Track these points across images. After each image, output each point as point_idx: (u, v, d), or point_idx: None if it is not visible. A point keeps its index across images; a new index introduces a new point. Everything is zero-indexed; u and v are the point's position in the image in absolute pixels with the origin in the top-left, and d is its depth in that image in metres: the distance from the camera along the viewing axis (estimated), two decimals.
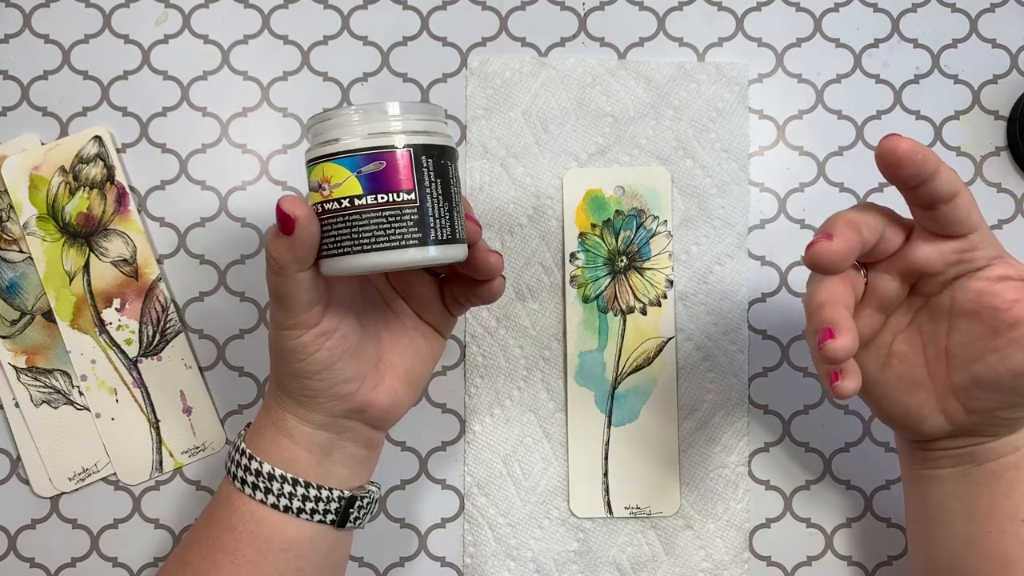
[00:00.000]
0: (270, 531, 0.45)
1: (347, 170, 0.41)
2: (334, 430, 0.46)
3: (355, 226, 0.41)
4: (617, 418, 0.56)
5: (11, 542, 0.56)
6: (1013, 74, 0.59)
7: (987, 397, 0.43)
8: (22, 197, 0.56)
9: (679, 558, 0.56)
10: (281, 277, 0.41)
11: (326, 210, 0.41)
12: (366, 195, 0.41)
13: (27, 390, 0.56)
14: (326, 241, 0.42)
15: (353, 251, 0.41)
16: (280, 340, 0.43)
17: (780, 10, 0.59)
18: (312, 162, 0.42)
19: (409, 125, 0.42)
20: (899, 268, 0.44)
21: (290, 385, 0.45)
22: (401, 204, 0.41)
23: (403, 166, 0.41)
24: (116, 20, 0.58)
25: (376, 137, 0.41)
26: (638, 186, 0.57)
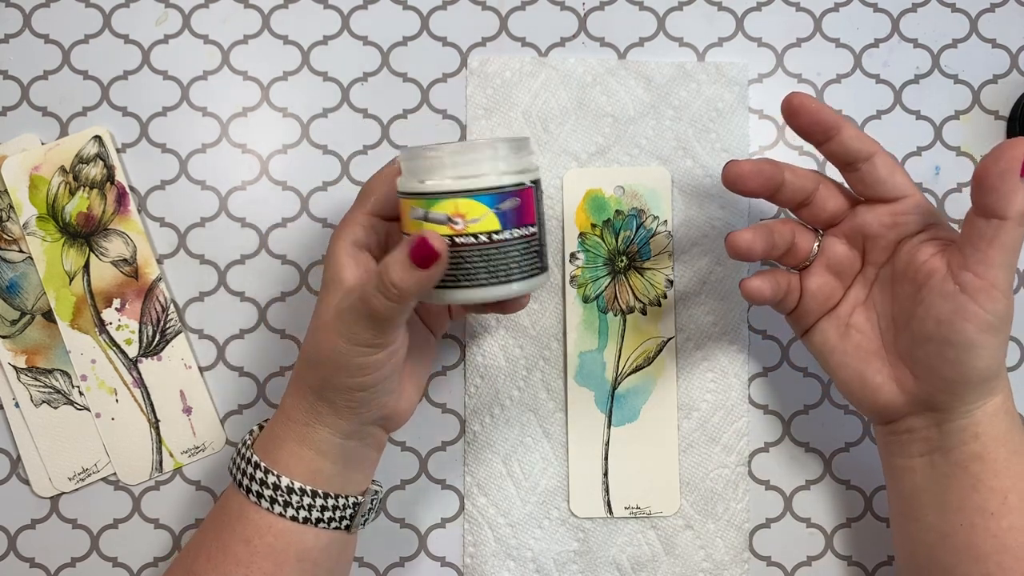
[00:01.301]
0: (288, 543, 0.45)
1: (486, 206, 0.42)
2: (358, 437, 0.47)
3: (493, 259, 0.43)
4: (617, 418, 0.56)
5: (11, 542, 0.56)
6: (1013, 74, 0.59)
7: (925, 354, 0.45)
8: (22, 197, 0.56)
9: (679, 558, 0.56)
10: (397, 305, 0.42)
11: (456, 243, 0.42)
12: (504, 230, 0.43)
13: (27, 390, 0.56)
14: (454, 273, 0.43)
15: (488, 283, 0.43)
16: (352, 355, 0.43)
17: (780, 10, 0.59)
18: (433, 195, 0.43)
19: (527, 162, 0.44)
20: (844, 231, 0.49)
21: (337, 397, 0.45)
22: (529, 237, 0.44)
23: (531, 202, 0.44)
24: (116, 20, 0.58)
25: (509, 175, 0.43)
26: (638, 186, 0.57)
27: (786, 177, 0.48)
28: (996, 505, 0.45)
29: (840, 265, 0.49)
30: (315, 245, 0.57)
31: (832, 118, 0.46)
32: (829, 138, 0.47)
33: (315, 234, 0.57)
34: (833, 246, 0.49)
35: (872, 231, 0.48)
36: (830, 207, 0.49)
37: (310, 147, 0.58)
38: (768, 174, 0.47)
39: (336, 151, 0.58)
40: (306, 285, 0.57)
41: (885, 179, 0.47)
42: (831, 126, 0.46)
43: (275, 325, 0.57)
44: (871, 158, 0.46)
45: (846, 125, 0.46)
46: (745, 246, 0.47)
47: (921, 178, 0.58)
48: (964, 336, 0.43)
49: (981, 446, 0.45)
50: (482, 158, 0.43)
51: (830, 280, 0.49)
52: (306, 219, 0.57)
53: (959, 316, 0.43)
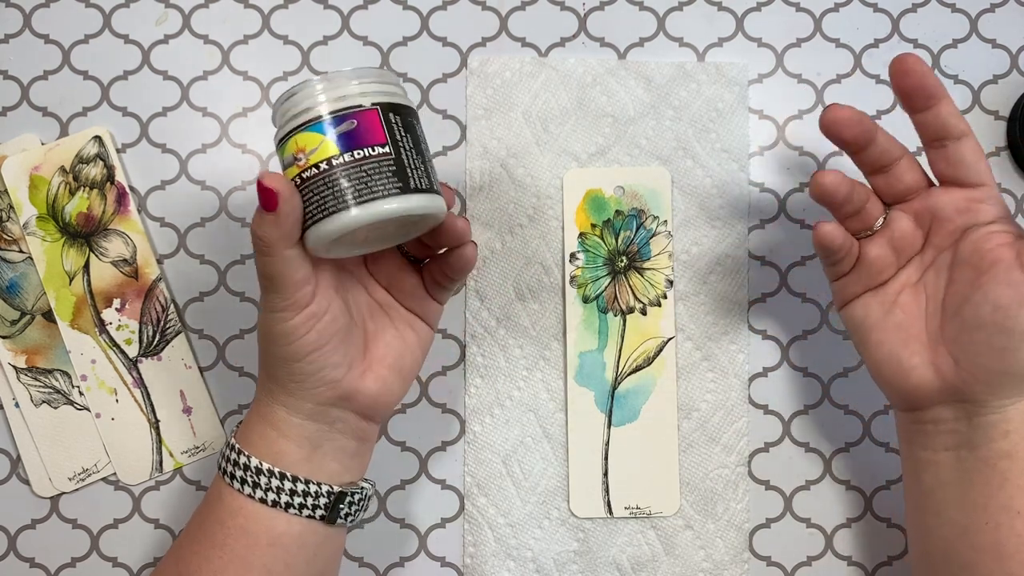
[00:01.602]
0: (258, 526, 0.45)
1: (320, 135, 0.42)
2: (324, 420, 0.46)
3: (336, 185, 0.42)
4: (617, 418, 0.56)
5: (11, 542, 0.56)
6: (1013, 74, 0.59)
7: (972, 341, 0.45)
8: (22, 197, 0.56)
9: (679, 558, 0.56)
10: (270, 257, 0.42)
11: (305, 179, 0.42)
12: (343, 153, 0.42)
13: (27, 390, 0.56)
14: (309, 210, 0.43)
15: (339, 209, 0.42)
16: (271, 323, 0.44)
17: (780, 10, 0.59)
18: (283, 140, 0.43)
19: (370, 87, 0.44)
20: (915, 208, 0.48)
21: (279, 371, 0.45)
22: (378, 157, 0.43)
23: (373, 122, 0.43)
24: (116, 20, 0.58)
25: (342, 100, 0.43)
26: (638, 186, 0.57)
27: (879, 136, 0.47)
28: (1022, 504, 0.44)
29: (903, 241, 0.48)
30: None
31: (937, 86, 0.46)
32: (929, 107, 0.46)
33: None
34: (900, 220, 0.48)
35: (943, 214, 0.47)
36: (907, 180, 0.48)
37: None
38: (866, 125, 0.47)
39: None
40: None
41: (970, 163, 0.46)
42: (934, 94, 0.46)
43: None
44: (962, 138, 0.46)
45: (947, 99, 0.46)
46: (831, 185, 0.47)
47: None
48: (1019, 324, 0.43)
49: (1011, 444, 0.45)
50: (313, 91, 0.43)
51: (889, 254, 0.48)
52: None
53: (1018, 303, 0.43)
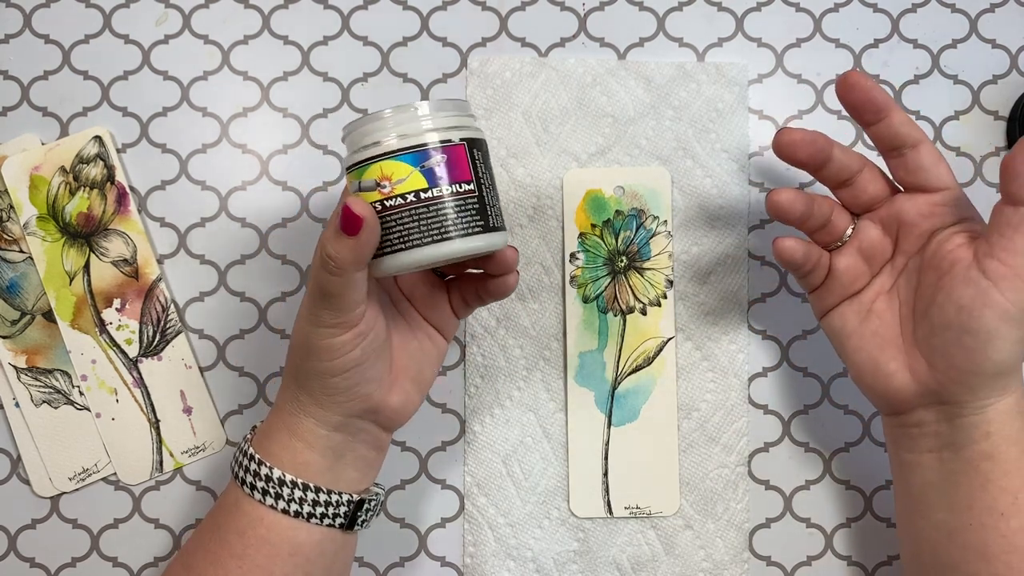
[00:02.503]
0: (280, 536, 0.45)
1: (410, 165, 0.42)
2: (348, 431, 0.46)
3: (422, 219, 0.42)
4: (617, 418, 0.56)
5: (11, 542, 0.56)
6: (1013, 74, 0.59)
7: (942, 342, 0.45)
8: (22, 197, 0.56)
9: (679, 558, 0.56)
10: (336, 277, 0.42)
11: (387, 207, 0.42)
12: (431, 187, 0.42)
13: (27, 390, 0.56)
14: (389, 238, 0.42)
15: (422, 243, 0.42)
16: (317, 337, 0.43)
17: (780, 10, 0.59)
18: (363, 163, 0.43)
19: (460, 121, 0.44)
20: (881, 217, 0.49)
21: (312, 383, 0.45)
22: (464, 194, 0.43)
23: (461, 158, 0.43)
24: (116, 20, 0.58)
25: (434, 133, 0.42)
26: (638, 186, 0.57)
27: (835, 152, 0.48)
28: (1006, 505, 0.44)
29: (872, 250, 0.49)
30: (314, 245, 0.57)
31: (884, 99, 0.47)
32: (879, 119, 0.47)
33: (315, 234, 0.57)
34: (867, 230, 0.49)
35: (908, 219, 0.48)
36: (871, 190, 0.49)
37: (310, 147, 0.58)
38: (820, 145, 0.48)
39: (336, 151, 0.58)
40: (306, 285, 0.57)
41: (928, 168, 0.47)
42: (882, 107, 0.47)
43: (275, 325, 0.57)
44: (917, 146, 0.47)
45: (897, 109, 0.47)
46: (786, 203, 0.48)
47: None
48: (983, 323, 0.43)
49: (991, 445, 0.45)
50: (404, 119, 0.43)
51: (859, 263, 0.49)
52: (306, 219, 0.57)
53: (980, 302, 0.43)
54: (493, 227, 0.44)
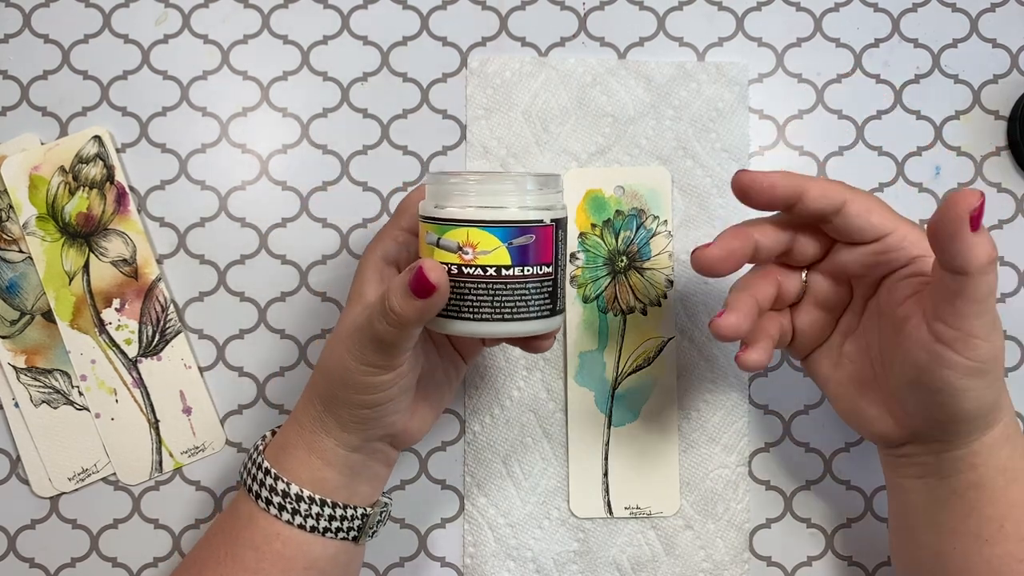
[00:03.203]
0: (296, 551, 0.46)
1: (498, 240, 0.41)
2: (365, 452, 0.47)
3: (498, 295, 0.42)
4: (617, 418, 0.56)
5: (11, 542, 0.56)
6: (1013, 74, 0.59)
7: (912, 397, 0.44)
8: (22, 197, 0.56)
9: (679, 558, 0.56)
10: (396, 330, 0.41)
11: (464, 273, 0.42)
12: (514, 266, 0.42)
13: (27, 390, 0.56)
14: (458, 304, 0.42)
15: (492, 319, 0.42)
16: (358, 373, 0.43)
17: (780, 10, 0.59)
18: (449, 222, 0.42)
19: (553, 200, 0.43)
20: (828, 270, 0.47)
21: (342, 411, 0.45)
22: (542, 277, 0.42)
23: (547, 240, 0.42)
24: (116, 20, 0.58)
25: (528, 211, 0.42)
26: (638, 186, 0.57)
27: (759, 243, 0.46)
28: (991, 532, 0.44)
29: (828, 301, 0.48)
30: (315, 245, 0.57)
31: (788, 190, 0.44)
32: (794, 204, 0.44)
33: (315, 234, 0.57)
34: (819, 284, 0.48)
35: (854, 271, 0.46)
36: (809, 253, 0.47)
37: (310, 147, 0.58)
38: (739, 253, 0.45)
39: (336, 151, 0.58)
40: (306, 285, 0.57)
41: (861, 226, 0.44)
42: (789, 198, 0.44)
43: (275, 325, 0.57)
44: (841, 209, 0.44)
45: (808, 189, 0.44)
46: (730, 329, 0.45)
47: (921, 178, 0.58)
48: (946, 383, 0.42)
49: (978, 476, 0.44)
50: (501, 190, 0.42)
51: (820, 315, 0.48)
52: (306, 219, 0.57)
53: (938, 364, 0.41)
54: (559, 310, 0.44)
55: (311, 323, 0.57)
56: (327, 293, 0.57)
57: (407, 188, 0.58)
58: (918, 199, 0.58)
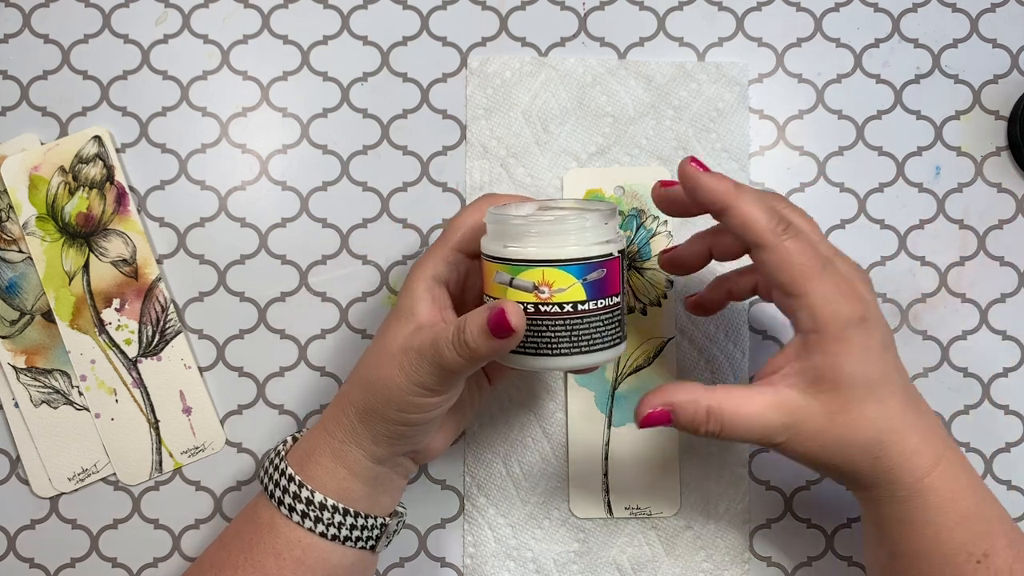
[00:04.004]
0: (316, 558, 0.46)
1: (573, 277, 0.42)
2: (389, 465, 0.47)
3: (575, 330, 0.43)
4: (617, 418, 0.56)
5: (11, 542, 0.56)
6: (1013, 74, 0.59)
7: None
8: (22, 197, 0.56)
9: (679, 558, 0.56)
10: (466, 362, 0.42)
11: (541, 311, 0.42)
12: (589, 300, 0.42)
13: (27, 390, 0.56)
14: (536, 341, 0.43)
15: (571, 353, 0.43)
16: (408, 394, 0.44)
17: (780, 10, 0.59)
18: (522, 262, 0.42)
19: (616, 231, 0.44)
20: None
21: (379, 426, 0.45)
22: (612, 308, 0.43)
23: (616, 271, 0.43)
24: (116, 20, 0.58)
25: (601, 246, 0.43)
26: (638, 186, 0.57)
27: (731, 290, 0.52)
28: (904, 567, 0.46)
29: None
30: (315, 245, 0.57)
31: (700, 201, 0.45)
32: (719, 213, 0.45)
33: (315, 234, 0.57)
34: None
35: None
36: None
37: (310, 147, 0.58)
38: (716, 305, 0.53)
39: (336, 151, 0.58)
40: (306, 285, 0.57)
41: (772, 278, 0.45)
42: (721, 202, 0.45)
43: (275, 325, 0.57)
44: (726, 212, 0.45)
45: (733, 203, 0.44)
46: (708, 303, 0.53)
47: (921, 178, 0.58)
48: (828, 473, 0.47)
49: (871, 517, 0.47)
50: (571, 228, 0.42)
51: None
52: (306, 219, 0.57)
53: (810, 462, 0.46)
54: (625, 336, 0.45)
55: (311, 323, 0.57)
56: (327, 293, 0.57)
57: (407, 188, 0.58)
58: (918, 199, 0.58)
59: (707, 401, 0.44)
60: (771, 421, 0.44)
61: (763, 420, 0.44)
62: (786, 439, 0.44)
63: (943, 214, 0.58)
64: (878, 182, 0.58)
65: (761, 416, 0.44)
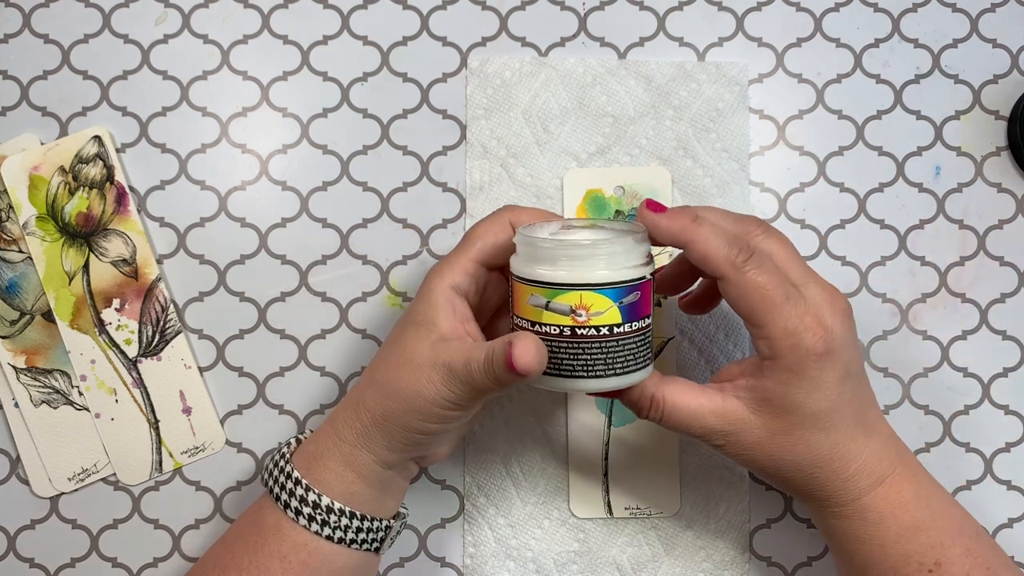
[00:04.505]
0: (322, 561, 0.46)
1: (610, 300, 0.42)
2: (396, 469, 0.47)
3: (611, 352, 0.43)
4: (617, 418, 0.56)
5: (11, 542, 0.56)
6: (1013, 74, 0.59)
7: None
8: (22, 197, 0.56)
9: (679, 558, 0.56)
10: (496, 387, 0.43)
11: (577, 335, 0.42)
12: (624, 323, 0.43)
13: (27, 390, 0.56)
14: (573, 363, 0.43)
15: (607, 375, 0.43)
16: (435, 406, 0.44)
17: (780, 10, 0.59)
18: (559, 286, 0.42)
19: (648, 252, 0.44)
20: None
21: (397, 433, 0.45)
22: (644, 329, 0.44)
23: (647, 293, 0.44)
24: (116, 20, 0.58)
25: (635, 269, 0.43)
26: (638, 186, 0.57)
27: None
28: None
29: None
30: (315, 245, 0.57)
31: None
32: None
33: (315, 234, 0.57)
34: None
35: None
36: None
37: (310, 147, 0.58)
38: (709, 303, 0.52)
39: (336, 151, 0.58)
40: (306, 285, 0.57)
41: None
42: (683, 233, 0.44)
43: (275, 325, 0.57)
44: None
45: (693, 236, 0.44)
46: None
47: (921, 178, 0.58)
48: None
49: (819, 528, 0.48)
50: (607, 251, 0.42)
51: None
52: (306, 219, 0.57)
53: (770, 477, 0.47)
54: (653, 356, 0.45)
55: (311, 324, 0.57)
56: (327, 293, 0.57)
57: (407, 188, 0.58)
58: (918, 199, 0.58)
59: (654, 389, 0.45)
60: (712, 425, 0.45)
61: (703, 422, 0.45)
62: (724, 443, 0.45)
63: (943, 214, 0.58)
64: (878, 182, 0.58)
65: (702, 418, 0.45)
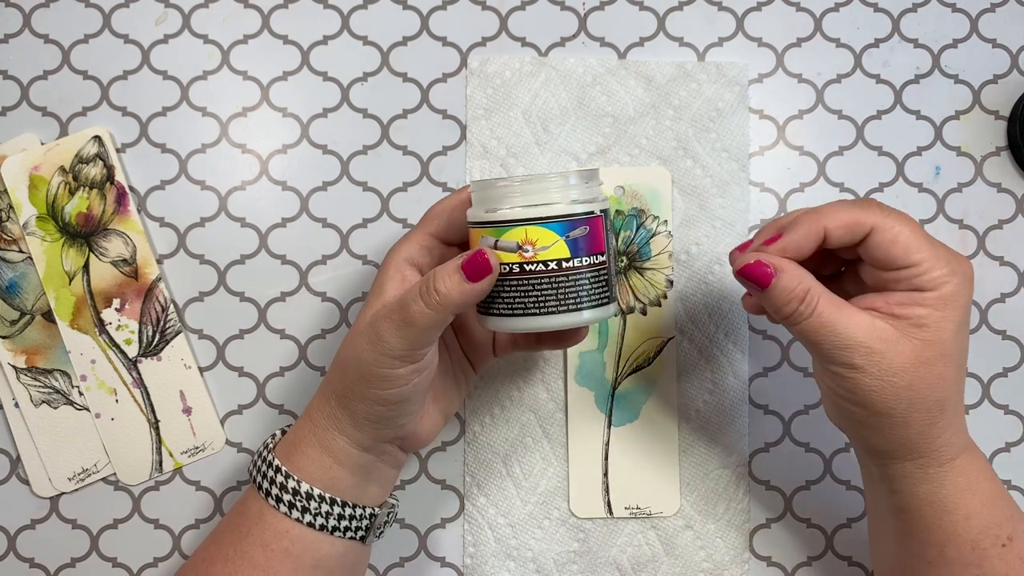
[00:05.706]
0: (304, 549, 0.46)
1: (556, 234, 0.43)
2: (375, 453, 0.47)
3: (562, 287, 0.43)
4: (617, 418, 0.56)
5: (11, 542, 0.56)
6: (1013, 74, 0.59)
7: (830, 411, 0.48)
8: (22, 197, 0.56)
9: (679, 558, 0.56)
10: (433, 313, 0.42)
11: (526, 271, 0.43)
12: (573, 258, 0.43)
13: (27, 390, 0.56)
14: (523, 301, 0.43)
15: (559, 311, 0.43)
16: (376, 365, 0.43)
17: (780, 10, 0.59)
18: (504, 223, 0.43)
19: (596, 191, 0.44)
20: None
21: (357, 407, 0.45)
22: (598, 266, 0.44)
23: (599, 230, 0.44)
24: (116, 20, 0.58)
25: (581, 204, 0.43)
26: (638, 186, 0.57)
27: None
28: (934, 555, 0.45)
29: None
30: (315, 245, 0.57)
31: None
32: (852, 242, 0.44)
33: (315, 234, 0.57)
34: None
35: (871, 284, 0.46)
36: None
37: (310, 147, 0.58)
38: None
39: (336, 151, 0.58)
40: (306, 285, 0.57)
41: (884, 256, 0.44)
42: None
43: (275, 325, 0.57)
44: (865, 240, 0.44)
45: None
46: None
47: (921, 178, 0.58)
48: (839, 421, 0.46)
49: (901, 500, 0.45)
50: (552, 187, 0.43)
51: None
52: (306, 219, 0.57)
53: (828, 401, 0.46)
54: (613, 297, 0.45)
55: (311, 323, 0.57)
56: (327, 293, 0.57)
57: (407, 188, 0.58)
58: (918, 199, 0.58)
59: (812, 283, 0.43)
60: (860, 339, 0.42)
61: (852, 334, 0.42)
62: (863, 364, 0.42)
63: (943, 214, 0.58)
64: (878, 182, 0.58)
65: (852, 329, 0.42)
